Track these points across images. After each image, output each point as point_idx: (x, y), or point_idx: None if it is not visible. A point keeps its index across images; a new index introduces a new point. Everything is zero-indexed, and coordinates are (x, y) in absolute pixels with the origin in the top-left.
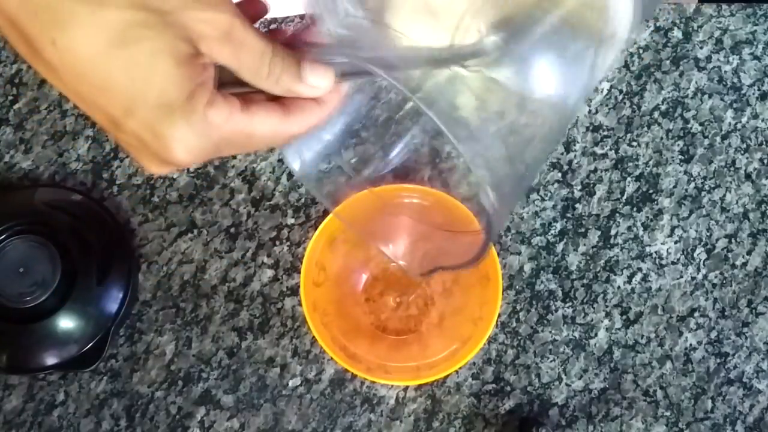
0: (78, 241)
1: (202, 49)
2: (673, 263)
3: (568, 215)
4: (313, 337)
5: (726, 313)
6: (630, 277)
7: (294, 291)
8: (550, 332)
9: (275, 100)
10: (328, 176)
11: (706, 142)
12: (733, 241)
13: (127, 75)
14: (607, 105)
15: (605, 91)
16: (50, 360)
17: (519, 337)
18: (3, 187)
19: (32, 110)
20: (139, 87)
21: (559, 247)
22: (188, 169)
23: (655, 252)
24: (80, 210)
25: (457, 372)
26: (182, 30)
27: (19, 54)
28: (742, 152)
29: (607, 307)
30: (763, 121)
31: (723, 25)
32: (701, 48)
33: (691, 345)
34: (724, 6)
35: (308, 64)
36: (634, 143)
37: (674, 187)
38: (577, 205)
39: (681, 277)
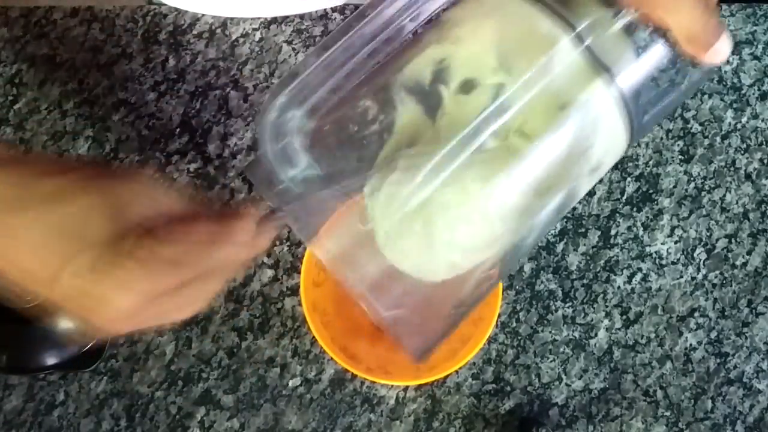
0: None
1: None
2: (673, 263)
3: (568, 215)
4: (313, 337)
5: (726, 313)
6: (630, 277)
7: (294, 291)
8: (550, 332)
9: None
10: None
11: (706, 142)
12: (733, 241)
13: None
14: None
15: None
16: (50, 360)
17: (519, 337)
18: None
19: (32, 110)
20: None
21: (559, 247)
22: (188, 169)
23: (655, 252)
24: None
25: (457, 372)
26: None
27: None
28: (742, 152)
29: (607, 307)
30: (763, 121)
31: None
32: None
33: (691, 345)
34: (724, 6)
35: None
36: (634, 143)
37: (674, 187)
38: (577, 205)
39: (681, 277)
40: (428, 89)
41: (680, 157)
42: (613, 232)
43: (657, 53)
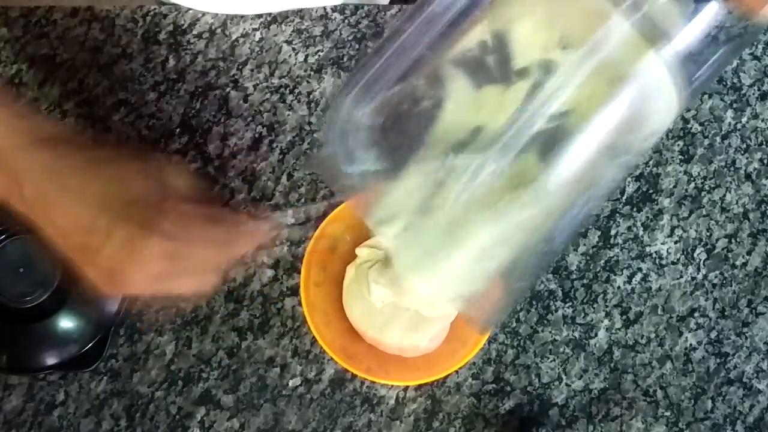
0: None
1: None
2: (673, 263)
3: None
4: (313, 337)
5: (726, 313)
6: (630, 277)
7: (294, 291)
8: (550, 332)
9: None
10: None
11: (706, 142)
12: (733, 241)
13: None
14: None
15: None
16: (50, 360)
17: (519, 337)
18: None
19: (32, 110)
20: None
21: None
22: (188, 169)
23: (655, 252)
24: None
25: (457, 372)
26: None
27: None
28: (742, 152)
29: (607, 307)
30: (763, 121)
31: None
32: None
33: (691, 345)
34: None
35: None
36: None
37: (674, 187)
38: None
39: (681, 277)
40: (477, 64)
41: (680, 157)
42: (613, 232)
43: (704, 19)
